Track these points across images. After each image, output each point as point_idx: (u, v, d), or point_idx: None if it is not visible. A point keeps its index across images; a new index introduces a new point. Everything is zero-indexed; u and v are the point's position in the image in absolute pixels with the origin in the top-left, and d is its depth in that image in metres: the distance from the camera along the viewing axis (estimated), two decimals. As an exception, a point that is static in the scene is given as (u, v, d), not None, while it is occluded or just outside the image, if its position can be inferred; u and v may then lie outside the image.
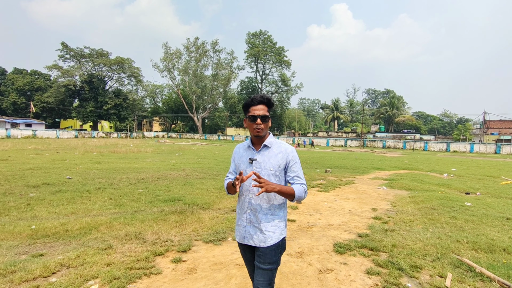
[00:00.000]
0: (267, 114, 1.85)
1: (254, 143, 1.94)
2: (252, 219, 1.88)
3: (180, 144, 35.21)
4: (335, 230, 4.71)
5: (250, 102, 1.86)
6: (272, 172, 1.85)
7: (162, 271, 3.14)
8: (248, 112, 1.86)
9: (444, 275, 3.10)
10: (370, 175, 11.86)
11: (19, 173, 8.95)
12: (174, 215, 5.05)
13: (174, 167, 12.09)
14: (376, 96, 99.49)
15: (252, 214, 1.88)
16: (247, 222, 1.89)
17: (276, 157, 1.87)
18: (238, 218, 1.97)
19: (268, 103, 1.87)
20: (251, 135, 1.93)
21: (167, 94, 74.19)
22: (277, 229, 1.87)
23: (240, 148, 2.03)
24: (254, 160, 1.88)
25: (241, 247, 1.99)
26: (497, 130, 53.14)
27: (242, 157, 1.96)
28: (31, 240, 3.85)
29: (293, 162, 1.90)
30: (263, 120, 1.83)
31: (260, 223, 1.85)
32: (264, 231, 1.84)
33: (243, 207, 1.92)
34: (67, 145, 24.90)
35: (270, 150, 1.89)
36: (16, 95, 58.50)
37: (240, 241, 1.94)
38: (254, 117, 1.82)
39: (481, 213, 5.61)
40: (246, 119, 1.90)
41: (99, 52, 58.43)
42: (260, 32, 64.60)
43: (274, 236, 1.85)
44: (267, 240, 1.84)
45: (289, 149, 1.91)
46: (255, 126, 1.83)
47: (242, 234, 1.91)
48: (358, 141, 48.43)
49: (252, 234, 1.86)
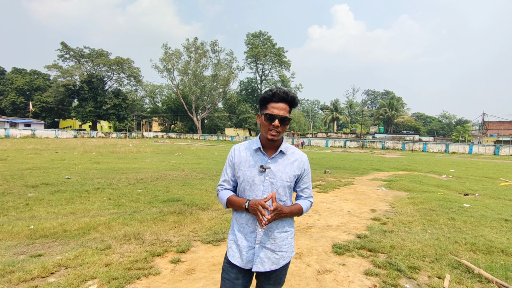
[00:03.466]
0: (288, 116, 1.53)
1: (264, 146, 1.62)
2: (264, 239, 1.56)
3: (179, 145, 35.18)
4: (334, 231, 4.71)
5: (270, 96, 1.53)
6: (288, 184, 1.59)
7: (160, 271, 3.13)
8: (266, 109, 1.54)
9: (442, 276, 3.11)
10: (369, 176, 11.87)
11: (17, 173, 8.93)
12: (173, 216, 5.05)
13: (173, 167, 12.08)
14: (376, 97, 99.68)
15: (263, 233, 1.57)
16: (257, 243, 1.56)
17: (292, 166, 1.61)
18: (241, 237, 1.59)
19: (292, 102, 1.55)
20: (262, 137, 1.61)
21: (167, 94, 74.14)
22: (289, 247, 1.64)
23: (241, 151, 1.66)
24: (267, 168, 1.56)
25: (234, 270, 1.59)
26: (496, 131, 53.24)
27: (246, 162, 1.61)
28: (30, 240, 3.84)
29: (307, 173, 1.68)
30: (283, 122, 1.52)
31: (274, 243, 1.58)
32: (277, 251, 1.58)
33: (251, 224, 1.58)
34: (66, 145, 24.86)
35: (285, 157, 1.61)
36: (15, 95, 58.37)
37: (243, 266, 1.56)
38: (273, 117, 1.50)
39: (479, 214, 5.62)
40: (260, 115, 1.58)
41: (99, 52, 58.37)
42: (260, 32, 64.63)
43: (287, 255, 1.62)
44: (280, 262, 1.58)
45: (304, 157, 1.67)
46: (271, 127, 1.52)
47: (247, 258, 1.56)
48: (357, 142, 48.47)
49: (262, 258, 1.55)
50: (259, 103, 1.61)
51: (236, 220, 1.65)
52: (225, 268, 1.63)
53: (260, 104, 1.59)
